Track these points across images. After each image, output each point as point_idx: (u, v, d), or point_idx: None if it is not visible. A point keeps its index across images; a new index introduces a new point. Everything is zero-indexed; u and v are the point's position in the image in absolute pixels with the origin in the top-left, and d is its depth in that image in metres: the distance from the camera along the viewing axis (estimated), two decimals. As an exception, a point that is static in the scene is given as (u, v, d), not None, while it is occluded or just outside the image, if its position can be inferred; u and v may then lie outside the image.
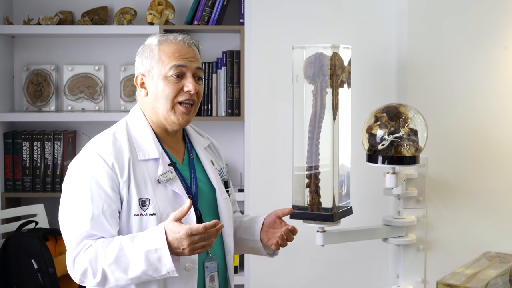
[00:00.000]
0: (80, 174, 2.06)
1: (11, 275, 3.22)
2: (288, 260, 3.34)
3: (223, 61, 3.58)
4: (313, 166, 2.63)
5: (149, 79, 2.13)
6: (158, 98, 2.11)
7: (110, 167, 2.04)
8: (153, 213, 2.05)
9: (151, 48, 2.14)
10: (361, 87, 3.19)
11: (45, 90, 3.76)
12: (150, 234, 1.96)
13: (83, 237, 2.01)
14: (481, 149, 3.08)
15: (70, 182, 2.09)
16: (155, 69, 2.11)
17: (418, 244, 2.94)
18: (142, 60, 2.15)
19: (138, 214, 2.04)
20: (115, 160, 2.05)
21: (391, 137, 2.69)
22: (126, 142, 2.10)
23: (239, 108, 3.55)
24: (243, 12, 3.51)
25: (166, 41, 2.14)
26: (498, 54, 3.06)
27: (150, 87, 2.13)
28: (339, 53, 2.62)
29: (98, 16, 3.70)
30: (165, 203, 2.08)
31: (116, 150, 2.07)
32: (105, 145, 2.09)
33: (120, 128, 2.16)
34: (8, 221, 3.51)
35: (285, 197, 2.82)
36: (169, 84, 2.10)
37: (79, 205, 2.02)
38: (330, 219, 2.62)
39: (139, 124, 2.16)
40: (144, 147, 2.12)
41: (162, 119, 2.14)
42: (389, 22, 3.28)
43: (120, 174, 2.04)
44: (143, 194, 2.06)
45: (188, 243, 1.91)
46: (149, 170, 2.09)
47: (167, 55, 2.12)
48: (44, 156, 3.62)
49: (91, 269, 1.97)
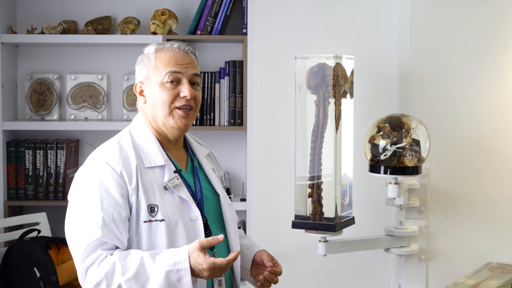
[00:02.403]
0: (88, 183, 2.07)
1: (13, 284, 3.22)
2: (290, 269, 3.33)
3: (226, 71, 3.59)
4: (315, 176, 2.64)
5: (147, 86, 2.17)
6: (156, 105, 2.15)
7: (119, 174, 2.06)
8: (162, 219, 2.07)
9: (148, 57, 2.19)
10: (364, 97, 3.20)
11: (48, 99, 3.77)
12: (174, 255, 1.98)
13: (95, 245, 2.01)
14: (483, 160, 3.08)
15: (78, 191, 2.09)
16: (152, 76, 2.16)
17: (420, 254, 2.94)
18: (141, 68, 2.20)
19: (148, 221, 2.06)
20: (123, 167, 2.07)
21: (393, 147, 2.69)
22: (132, 150, 2.13)
23: (242, 117, 3.56)
24: (246, 22, 3.53)
25: (162, 49, 2.19)
26: (499, 65, 3.07)
27: (148, 94, 2.17)
28: (341, 63, 2.63)
29: (101, 26, 3.71)
30: (173, 209, 2.10)
31: (123, 158, 2.09)
32: (111, 153, 2.10)
33: (124, 137, 2.18)
34: (10, 229, 3.50)
35: (287, 207, 2.83)
36: (165, 90, 2.14)
37: (89, 213, 2.03)
38: (332, 229, 2.62)
39: (142, 132, 2.19)
40: (149, 154, 2.14)
41: (161, 125, 2.17)
42: (391, 33, 3.30)
43: (129, 181, 2.06)
44: (152, 200, 2.08)
45: (208, 274, 1.97)
46: (155, 177, 2.12)
47: (162, 62, 2.16)
48: (47, 165, 3.63)
49: (105, 282, 1.98)
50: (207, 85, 3.59)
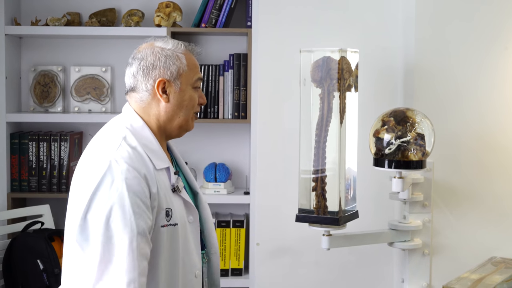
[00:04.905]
0: (113, 188, 1.91)
1: (16, 276, 3.23)
2: (293, 263, 3.34)
3: (230, 63, 3.59)
4: (319, 170, 2.63)
5: (175, 85, 2.07)
6: (183, 107, 2.09)
7: (143, 177, 1.94)
8: (175, 223, 2.02)
9: (177, 56, 2.08)
10: (368, 91, 3.19)
11: (52, 91, 3.77)
12: None
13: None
14: (487, 154, 3.07)
15: (105, 195, 1.90)
16: (183, 77, 2.08)
17: (424, 249, 2.93)
18: (168, 65, 2.06)
19: (164, 225, 2.00)
20: (146, 170, 1.97)
21: (398, 142, 2.69)
22: (142, 150, 2.01)
23: (246, 110, 3.56)
24: (250, 15, 3.52)
25: (190, 52, 2.13)
26: (505, 58, 3.05)
27: (175, 94, 2.07)
28: (346, 57, 2.62)
29: (105, 18, 3.71)
30: (182, 212, 2.08)
31: (142, 160, 1.99)
32: (129, 153, 1.97)
33: (127, 134, 2.04)
34: (14, 221, 3.51)
35: (291, 200, 2.82)
36: (195, 94, 2.11)
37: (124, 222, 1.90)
38: (336, 222, 2.62)
39: (143, 131, 2.07)
40: (158, 155, 2.05)
41: (177, 127, 2.11)
42: (396, 26, 3.29)
43: (152, 185, 1.97)
44: (168, 204, 2.02)
45: None
46: (163, 179, 2.05)
47: (193, 65, 2.12)
48: (51, 157, 3.63)
49: None
50: (211, 78, 3.59)
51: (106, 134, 2.07)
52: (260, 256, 3.38)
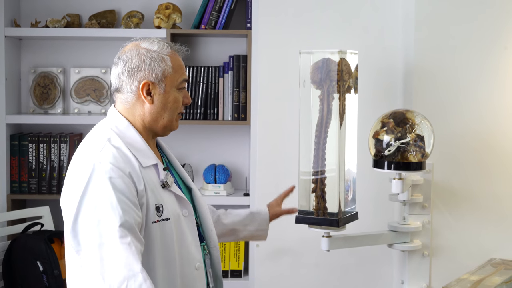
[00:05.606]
0: (100, 188, 1.93)
1: (16, 277, 3.23)
2: (293, 265, 3.34)
3: (230, 65, 3.59)
4: (319, 171, 2.63)
5: (159, 87, 2.08)
6: (167, 108, 2.10)
7: (128, 176, 1.97)
8: (167, 217, 2.05)
9: (162, 58, 2.08)
10: (368, 92, 3.19)
11: (51, 93, 3.77)
12: None
13: None
14: (487, 156, 3.07)
15: (89, 199, 1.94)
16: (168, 79, 2.09)
17: (423, 250, 2.93)
18: (153, 67, 2.06)
19: (156, 221, 2.02)
20: (131, 169, 2.00)
21: (397, 143, 2.69)
22: (127, 150, 2.04)
23: (245, 112, 3.56)
24: (250, 16, 3.52)
25: (175, 53, 2.13)
26: (505, 59, 3.05)
27: (159, 96, 2.08)
28: (346, 58, 2.62)
29: (105, 19, 3.71)
30: (174, 206, 2.10)
31: (126, 159, 2.01)
32: (112, 154, 2.00)
33: (112, 135, 2.06)
34: (13, 223, 3.51)
35: (291, 202, 2.82)
36: (179, 96, 2.12)
37: (110, 216, 1.92)
38: (335, 224, 2.62)
39: (128, 131, 2.09)
40: (144, 153, 2.07)
41: (161, 127, 2.13)
42: (396, 27, 3.29)
43: (138, 182, 1.99)
44: (157, 200, 2.05)
45: None
46: (152, 176, 2.07)
47: (179, 66, 2.12)
48: (50, 159, 3.63)
49: None
50: (210, 79, 3.59)
51: (91, 137, 2.10)
52: (259, 257, 3.38)
